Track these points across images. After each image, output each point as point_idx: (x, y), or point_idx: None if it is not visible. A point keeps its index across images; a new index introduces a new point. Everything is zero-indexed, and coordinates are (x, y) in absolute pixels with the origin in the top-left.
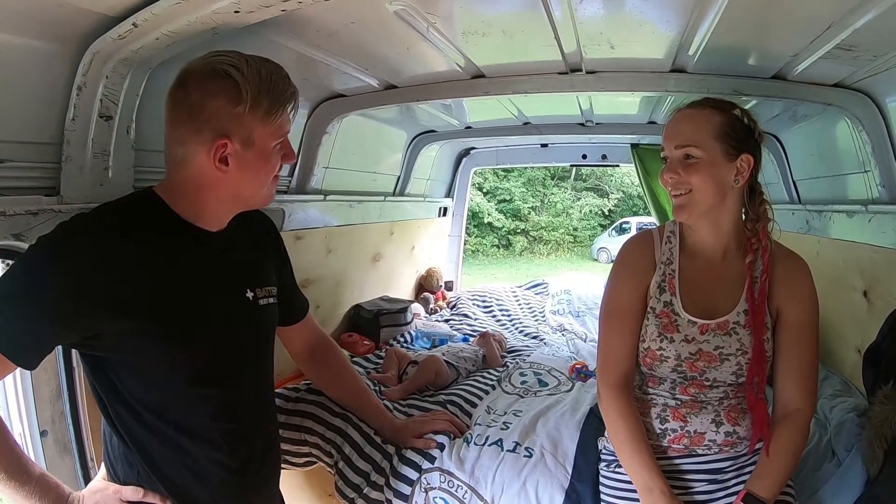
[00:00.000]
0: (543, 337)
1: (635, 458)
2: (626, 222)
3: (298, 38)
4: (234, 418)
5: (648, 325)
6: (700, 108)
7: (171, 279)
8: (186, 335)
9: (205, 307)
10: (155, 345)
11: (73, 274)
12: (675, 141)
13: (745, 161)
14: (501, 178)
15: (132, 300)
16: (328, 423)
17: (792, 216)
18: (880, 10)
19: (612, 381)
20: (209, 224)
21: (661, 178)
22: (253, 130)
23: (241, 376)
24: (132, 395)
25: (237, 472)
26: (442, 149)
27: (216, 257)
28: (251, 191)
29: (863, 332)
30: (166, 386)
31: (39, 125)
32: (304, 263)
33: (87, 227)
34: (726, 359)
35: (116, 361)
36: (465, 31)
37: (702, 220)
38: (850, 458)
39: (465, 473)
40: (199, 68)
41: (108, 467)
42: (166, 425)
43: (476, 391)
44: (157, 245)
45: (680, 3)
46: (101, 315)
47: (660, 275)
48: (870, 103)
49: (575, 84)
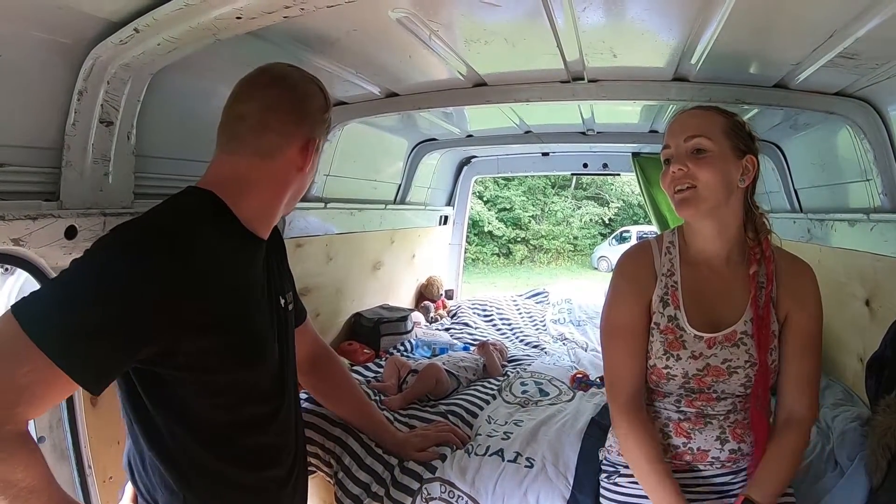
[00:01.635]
0: (544, 346)
1: (653, 478)
2: (626, 231)
3: (300, 44)
4: (284, 431)
5: (654, 342)
6: (704, 110)
7: (243, 293)
8: (259, 350)
9: (268, 319)
10: (233, 362)
11: (149, 288)
12: (684, 133)
13: (751, 162)
14: (502, 186)
15: (211, 317)
16: (328, 432)
17: (793, 225)
18: (882, 18)
19: (622, 402)
20: (263, 231)
21: (663, 177)
22: (321, 138)
23: (290, 387)
24: (196, 416)
25: (285, 484)
26: (443, 157)
27: (265, 267)
28: (302, 188)
29: (865, 340)
30: (233, 405)
31: (40, 130)
32: (305, 271)
33: (169, 231)
34: (735, 371)
35: (182, 381)
36: (468, 40)
37: (706, 219)
38: (853, 468)
39: (466, 484)
40: (290, 71)
41: (144, 494)
42: (227, 444)
43: (477, 401)
44: (228, 256)
45: (682, 11)
46: (178, 332)
47: (661, 287)
48: (872, 112)
49: (577, 92)
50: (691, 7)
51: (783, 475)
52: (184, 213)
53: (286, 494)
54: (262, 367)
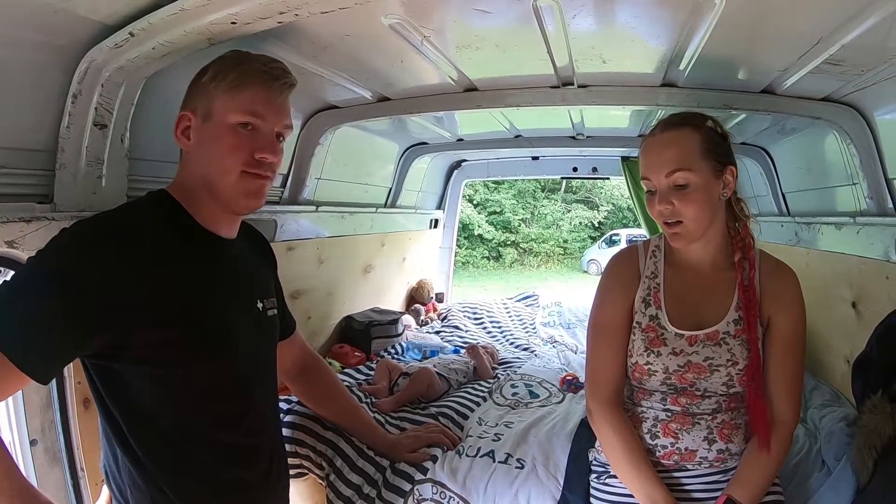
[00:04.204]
0: (534, 349)
1: (634, 471)
2: (615, 234)
3: (293, 49)
4: (253, 433)
5: (635, 340)
6: (677, 130)
7: (197, 287)
8: (214, 346)
9: (229, 317)
10: (185, 356)
11: (96, 277)
12: (663, 169)
13: (730, 173)
14: (492, 189)
15: (162, 309)
16: (319, 435)
17: (781, 228)
18: (868, 25)
19: (601, 398)
20: (224, 230)
21: (649, 209)
22: (214, 101)
23: (261, 389)
24: (154, 413)
25: (256, 487)
26: (433, 161)
27: (233, 266)
28: (214, 174)
29: (852, 342)
30: (195, 401)
31: (34, 132)
32: (296, 274)
33: (111, 228)
34: (716, 370)
35: (138, 375)
36: (459, 45)
37: (696, 242)
38: (840, 468)
39: (458, 485)
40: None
41: (117, 495)
42: (191, 442)
43: (467, 403)
44: (182, 252)
45: (671, 18)
46: (128, 324)
47: (644, 289)
48: (858, 117)
49: (567, 98)
50: (680, 14)
51: (766, 477)
52: (136, 210)
53: (261, 498)
54: (219, 364)
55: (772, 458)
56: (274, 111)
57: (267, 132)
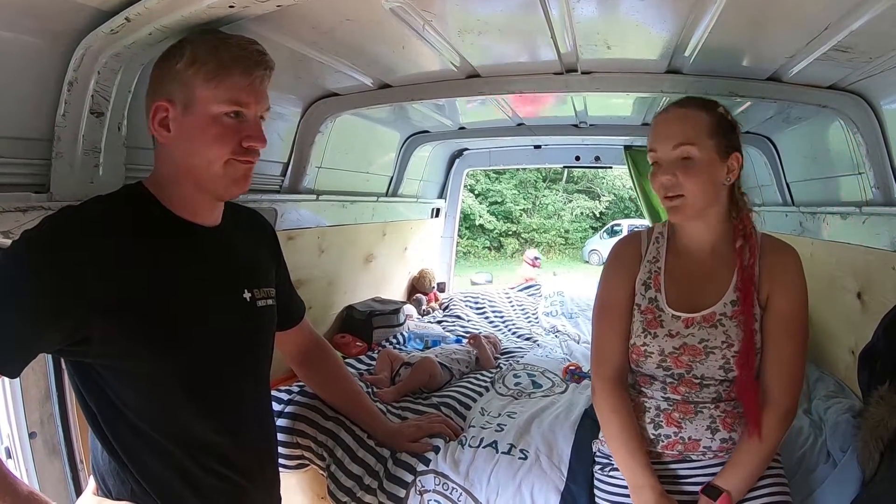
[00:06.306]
0: (536, 338)
1: (627, 454)
2: (617, 224)
3: (292, 35)
4: (233, 428)
5: (634, 322)
6: (687, 108)
7: (163, 279)
8: (183, 339)
9: (201, 309)
10: (148, 350)
11: (55, 269)
12: (670, 141)
13: (736, 160)
14: (493, 179)
15: (121, 301)
16: (320, 425)
17: (785, 218)
18: (877, 11)
19: (605, 376)
20: (200, 218)
21: (652, 181)
22: (194, 91)
23: (241, 383)
24: (126, 405)
25: (237, 483)
26: (435, 149)
27: (211, 255)
28: (199, 165)
29: (857, 333)
30: (163, 395)
31: (29, 121)
32: (297, 264)
33: (72, 220)
34: (711, 352)
35: (108, 369)
36: (461, 30)
37: (695, 220)
38: (845, 459)
39: (460, 476)
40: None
41: (99, 482)
42: (163, 437)
43: (470, 393)
44: (147, 242)
45: (677, 4)
46: (87, 316)
47: (645, 272)
48: (865, 105)
49: (570, 84)
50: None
51: (755, 461)
52: (104, 203)
53: (244, 494)
54: (184, 359)
55: (763, 444)
56: (256, 97)
57: (252, 119)
